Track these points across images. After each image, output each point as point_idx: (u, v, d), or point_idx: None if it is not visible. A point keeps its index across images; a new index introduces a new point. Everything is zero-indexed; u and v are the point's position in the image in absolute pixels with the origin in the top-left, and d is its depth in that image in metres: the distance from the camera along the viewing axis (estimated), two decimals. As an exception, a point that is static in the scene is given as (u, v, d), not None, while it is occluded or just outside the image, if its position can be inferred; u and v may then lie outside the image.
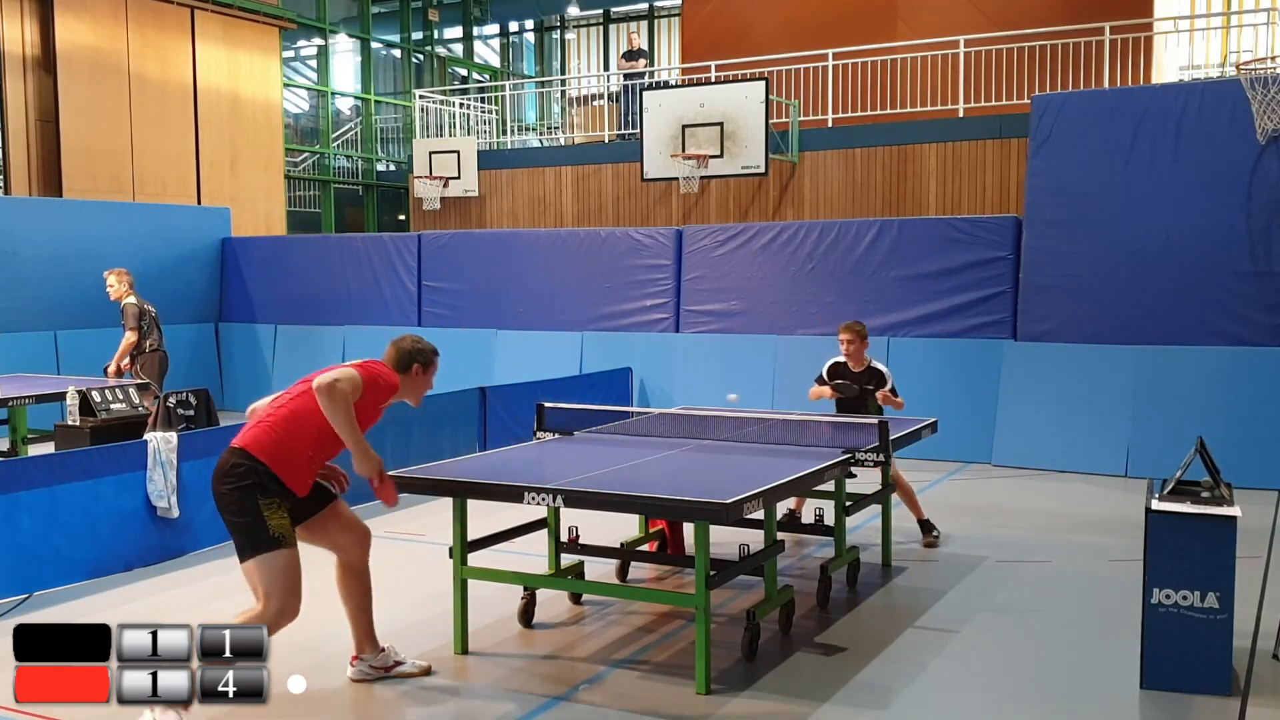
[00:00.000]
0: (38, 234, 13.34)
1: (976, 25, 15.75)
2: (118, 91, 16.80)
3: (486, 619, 5.95)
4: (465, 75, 27.80)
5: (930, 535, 7.67)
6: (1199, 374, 10.01)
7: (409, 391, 5.03)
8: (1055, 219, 10.72)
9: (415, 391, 5.06)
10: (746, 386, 11.86)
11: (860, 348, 7.71)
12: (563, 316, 13.30)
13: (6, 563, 6.33)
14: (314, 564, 5.00)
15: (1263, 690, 4.99)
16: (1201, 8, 18.75)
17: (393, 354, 5.00)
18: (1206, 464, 5.33)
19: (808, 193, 14.94)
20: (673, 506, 5.05)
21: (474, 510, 5.60)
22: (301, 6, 21.40)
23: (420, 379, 5.04)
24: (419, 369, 5.00)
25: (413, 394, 5.06)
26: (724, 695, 4.98)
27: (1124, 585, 6.42)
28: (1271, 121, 9.64)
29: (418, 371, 5.01)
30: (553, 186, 16.87)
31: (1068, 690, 5.09)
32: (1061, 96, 11.04)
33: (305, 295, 14.91)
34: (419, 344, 5.05)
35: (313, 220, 22.30)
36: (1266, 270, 9.88)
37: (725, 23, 18.51)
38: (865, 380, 7.72)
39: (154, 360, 10.38)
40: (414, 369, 4.99)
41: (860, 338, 7.70)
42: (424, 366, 5.01)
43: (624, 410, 8.38)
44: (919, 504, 7.74)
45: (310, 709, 4.86)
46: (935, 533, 7.70)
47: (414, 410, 9.66)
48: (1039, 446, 10.47)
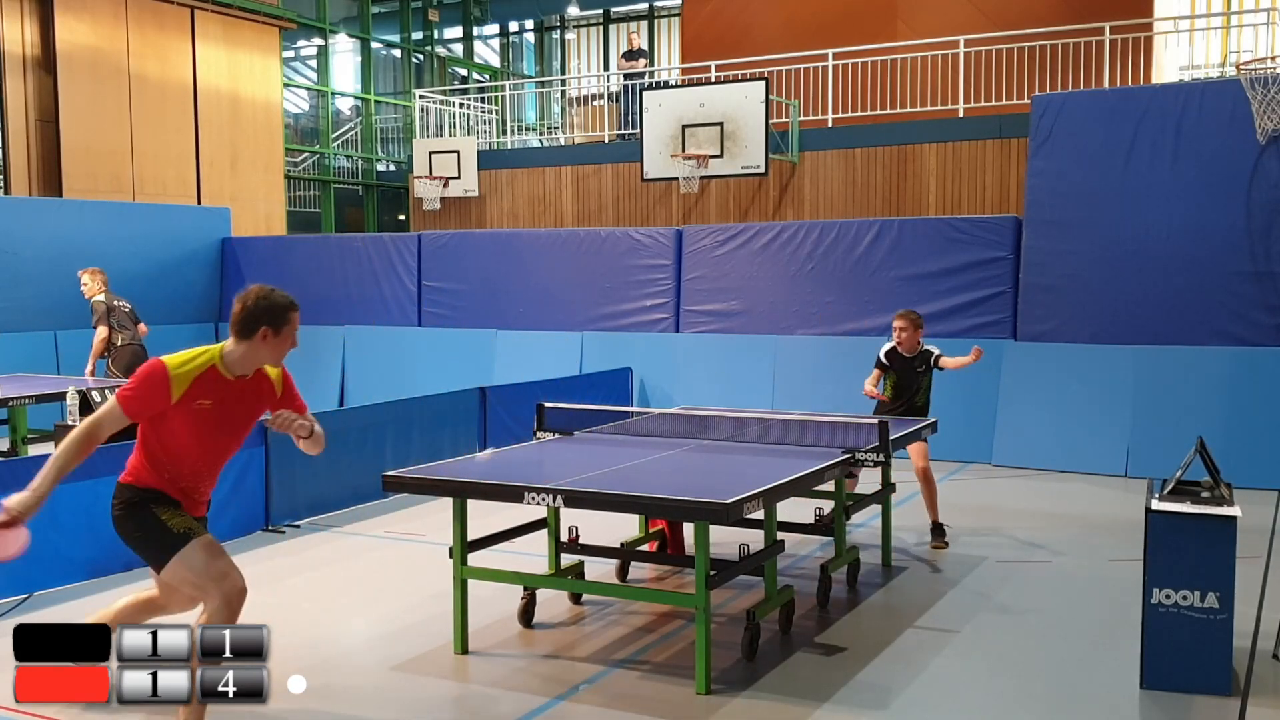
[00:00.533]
0: (38, 234, 13.34)
1: (976, 25, 15.75)
2: (118, 91, 16.80)
3: (486, 619, 5.95)
4: (465, 75, 27.81)
5: (940, 540, 7.65)
6: (1199, 374, 10.01)
7: (260, 358, 4.27)
8: (1055, 219, 10.72)
9: (274, 356, 4.30)
10: (747, 386, 11.90)
11: (914, 335, 7.78)
12: (563, 316, 13.30)
13: (6, 563, 6.32)
14: (314, 564, 4.99)
15: (1263, 690, 4.99)
16: (1201, 8, 18.75)
17: (236, 314, 4.23)
18: (1206, 464, 5.33)
19: (808, 193, 14.94)
20: (673, 506, 5.04)
21: (474, 510, 5.60)
22: (301, 6, 21.40)
23: (273, 343, 4.24)
24: (269, 332, 4.22)
25: (271, 359, 4.31)
26: (724, 695, 4.98)
27: (1124, 585, 6.43)
28: (1271, 121, 9.64)
29: (266, 335, 4.22)
30: (553, 186, 16.87)
31: (1068, 690, 5.09)
32: (1061, 96, 11.04)
33: (305, 295, 14.68)
34: (266, 300, 4.23)
35: (313, 220, 22.31)
36: (1266, 270, 9.88)
37: (725, 23, 18.51)
38: (918, 364, 7.83)
39: (125, 354, 10.43)
40: (260, 333, 4.22)
41: (914, 326, 7.78)
42: (274, 329, 4.22)
43: (624, 410, 8.39)
44: (937, 506, 7.72)
45: (310, 708, 4.85)
46: (946, 538, 7.68)
47: (414, 410, 9.80)
48: (1039, 446, 10.47)
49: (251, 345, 4.23)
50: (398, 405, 9.63)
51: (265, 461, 8.02)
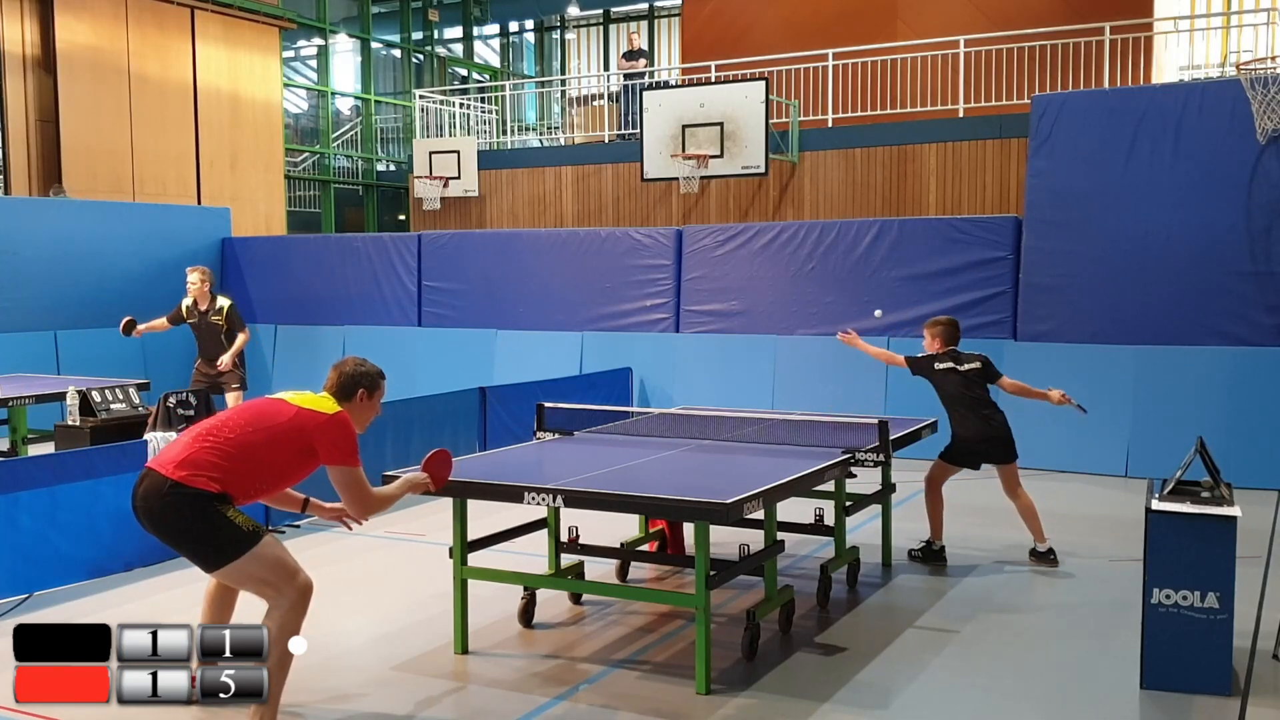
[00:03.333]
0: (38, 234, 13.35)
1: (976, 25, 15.75)
2: (118, 91, 16.80)
3: (486, 619, 5.95)
4: (465, 75, 27.80)
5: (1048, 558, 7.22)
6: (1199, 374, 10.01)
7: (355, 421, 4.62)
8: (1055, 219, 10.72)
9: (362, 419, 4.67)
10: (747, 386, 11.89)
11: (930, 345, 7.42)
12: (563, 316, 13.30)
13: (6, 563, 6.32)
14: (314, 564, 5.00)
15: (1263, 690, 4.99)
16: (1201, 8, 18.74)
17: (334, 380, 4.63)
18: (1206, 464, 5.33)
19: (808, 193, 14.94)
20: (673, 506, 5.05)
21: (474, 510, 5.60)
22: (301, 6, 21.40)
23: (366, 405, 4.66)
24: (364, 395, 4.64)
25: (359, 422, 4.65)
26: (724, 695, 4.98)
27: (1124, 585, 6.43)
28: (1271, 121, 9.64)
29: (363, 398, 4.64)
30: (553, 186, 16.87)
31: (1068, 690, 5.09)
32: (1061, 96, 11.04)
33: (305, 295, 14.91)
34: (362, 367, 4.69)
35: (313, 220, 22.30)
36: (1266, 270, 9.88)
37: (725, 23, 18.51)
38: None
39: None
40: (359, 395, 4.63)
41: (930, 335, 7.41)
42: (369, 392, 4.65)
43: (624, 410, 8.39)
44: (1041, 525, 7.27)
45: (310, 708, 4.86)
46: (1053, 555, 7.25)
47: (414, 410, 9.79)
48: (1039, 446, 10.45)
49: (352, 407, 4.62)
50: (398, 405, 9.60)
51: (265, 461, 8.00)
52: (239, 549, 4.24)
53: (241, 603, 4.68)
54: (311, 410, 4.49)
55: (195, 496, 4.23)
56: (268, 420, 4.46)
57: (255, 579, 4.31)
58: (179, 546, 4.36)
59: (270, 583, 4.30)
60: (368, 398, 4.65)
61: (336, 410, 4.51)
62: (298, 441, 4.44)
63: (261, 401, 4.64)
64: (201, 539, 4.27)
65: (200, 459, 4.31)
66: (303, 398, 4.57)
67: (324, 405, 4.53)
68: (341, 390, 4.60)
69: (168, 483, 4.24)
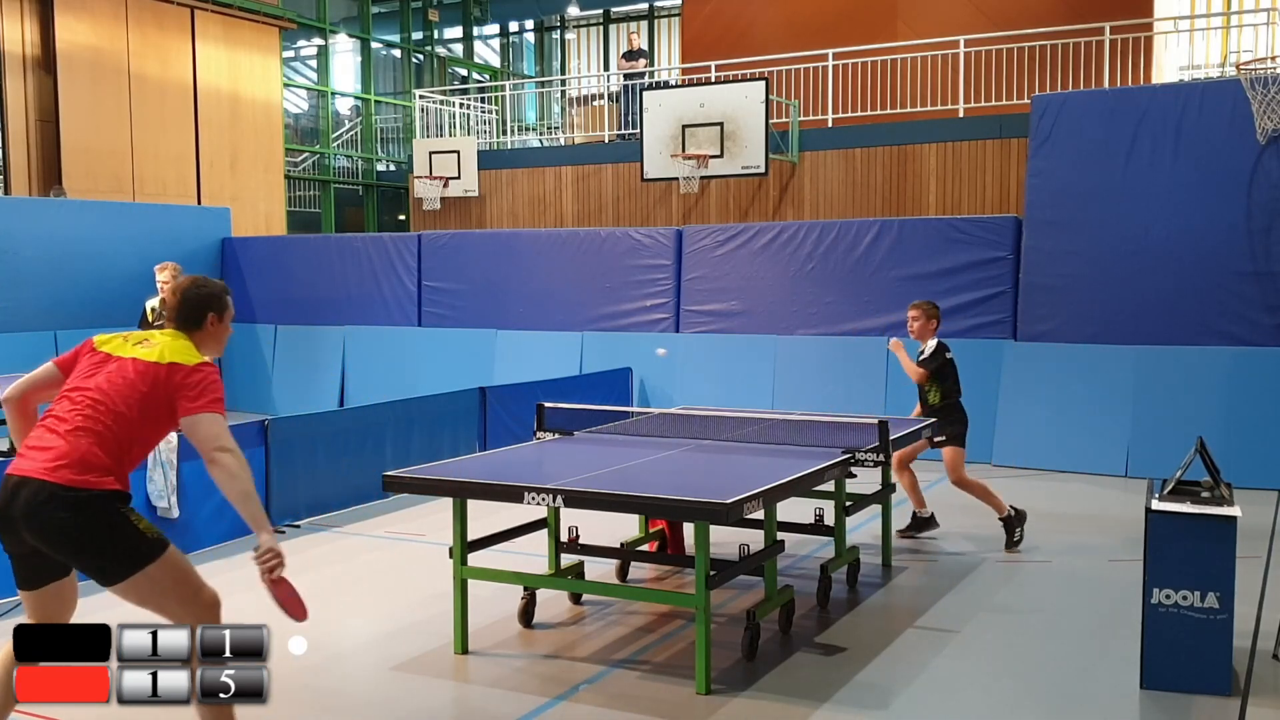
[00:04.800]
0: (38, 234, 13.34)
1: (976, 25, 15.75)
2: (118, 91, 16.80)
3: (486, 619, 5.95)
4: (465, 75, 27.81)
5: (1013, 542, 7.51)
6: (1199, 374, 10.01)
7: (208, 349, 4.05)
8: (1055, 219, 10.73)
9: (217, 345, 4.11)
10: (746, 386, 11.89)
11: (924, 325, 7.50)
12: (563, 316, 13.30)
13: (7, 563, 6.32)
14: (314, 564, 4.99)
15: (1263, 690, 4.99)
16: (1201, 8, 18.74)
17: (177, 309, 4.02)
18: (1206, 464, 5.33)
19: (808, 193, 14.94)
20: (673, 506, 5.04)
21: (474, 510, 5.60)
22: (301, 6, 21.40)
23: (218, 328, 4.09)
24: (214, 319, 4.06)
25: (214, 348, 4.09)
26: (724, 695, 4.98)
27: (1124, 585, 6.42)
28: (1271, 121, 9.64)
29: (213, 322, 4.06)
30: (553, 186, 16.87)
31: (1068, 690, 5.09)
32: (1061, 96, 11.04)
33: (305, 295, 14.90)
34: (205, 288, 4.08)
35: (313, 220, 22.30)
36: (1266, 270, 9.88)
37: (725, 23, 18.51)
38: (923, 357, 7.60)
39: None
40: (208, 321, 4.05)
41: (925, 315, 7.49)
42: (219, 314, 4.08)
43: (624, 410, 8.39)
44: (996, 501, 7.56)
45: (310, 708, 4.86)
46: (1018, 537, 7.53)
47: (414, 410, 9.80)
48: (1039, 446, 10.47)
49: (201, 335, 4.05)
50: (398, 405, 9.63)
51: (265, 461, 8.02)
52: (149, 555, 3.74)
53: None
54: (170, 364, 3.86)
55: (95, 499, 3.70)
56: (128, 390, 3.85)
57: (162, 592, 3.81)
58: (77, 559, 3.81)
59: (177, 596, 3.81)
60: (218, 321, 4.08)
61: (199, 361, 3.91)
62: (166, 403, 3.86)
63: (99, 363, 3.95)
64: (105, 549, 3.73)
65: (84, 455, 3.73)
66: (146, 348, 3.92)
67: (177, 352, 3.91)
68: (189, 319, 4.02)
69: (57, 488, 3.68)
